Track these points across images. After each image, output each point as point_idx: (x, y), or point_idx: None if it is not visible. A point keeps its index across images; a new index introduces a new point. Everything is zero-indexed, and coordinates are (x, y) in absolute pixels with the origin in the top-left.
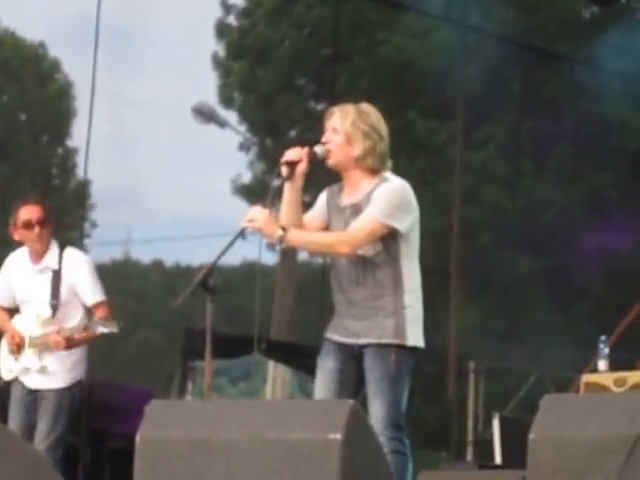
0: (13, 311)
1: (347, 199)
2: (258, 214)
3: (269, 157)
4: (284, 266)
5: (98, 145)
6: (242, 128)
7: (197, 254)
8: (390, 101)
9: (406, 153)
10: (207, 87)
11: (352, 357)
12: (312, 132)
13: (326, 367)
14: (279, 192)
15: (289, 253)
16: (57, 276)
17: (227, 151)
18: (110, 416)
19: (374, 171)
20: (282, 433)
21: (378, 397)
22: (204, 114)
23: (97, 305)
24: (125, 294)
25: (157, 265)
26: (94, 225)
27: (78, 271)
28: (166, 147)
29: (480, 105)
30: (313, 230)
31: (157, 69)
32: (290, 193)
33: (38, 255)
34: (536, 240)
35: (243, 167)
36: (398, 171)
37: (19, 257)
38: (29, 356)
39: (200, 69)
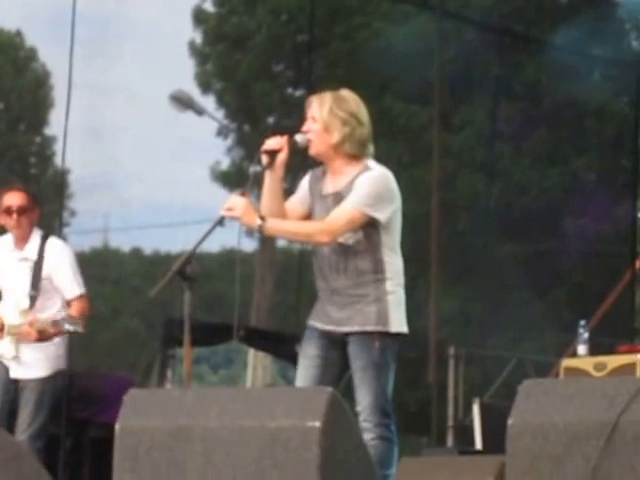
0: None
1: (329, 187)
2: (237, 203)
3: (247, 144)
4: (263, 253)
5: (76, 133)
6: (220, 115)
7: (176, 241)
8: (368, 86)
9: (384, 138)
10: (184, 74)
11: (335, 343)
12: (290, 118)
13: (308, 353)
14: (258, 180)
15: (268, 240)
16: (37, 266)
17: (205, 138)
18: (90, 405)
19: (355, 157)
20: (261, 421)
21: (364, 385)
22: (182, 102)
23: (75, 299)
24: (104, 282)
25: (136, 253)
26: (73, 214)
27: (59, 262)
28: (144, 135)
29: (458, 89)
30: (296, 216)
31: (134, 57)
32: (270, 182)
33: (19, 242)
34: (515, 225)
35: (221, 154)
36: (376, 156)
37: (5, 242)
38: (5, 344)
39: (177, 56)
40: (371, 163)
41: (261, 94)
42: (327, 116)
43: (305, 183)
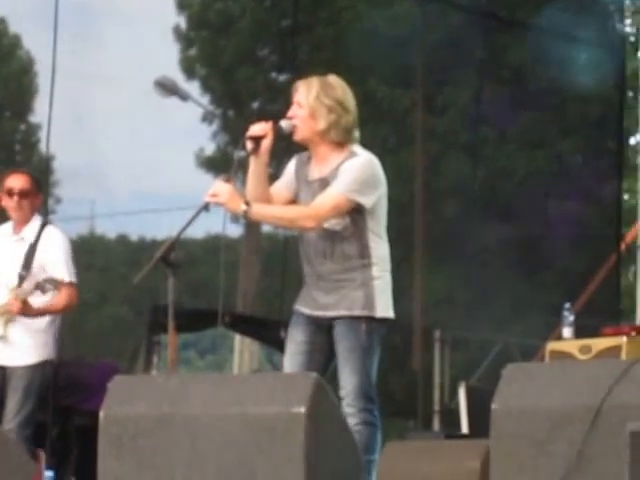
0: None
1: (315, 173)
2: (221, 188)
3: (232, 129)
4: (249, 238)
5: (60, 121)
6: (204, 100)
7: (162, 227)
8: (352, 70)
9: (369, 122)
10: (169, 60)
11: (322, 329)
12: (274, 103)
13: (295, 339)
14: (242, 165)
15: (253, 226)
16: (32, 249)
17: (190, 124)
18: (76, 393)
19: (340, 144)
20: (246, 408)
21: (348, 368)
22: (166, 87)
23: (64, 286)
24: (91, 269)
25: (122, 239)
26: (58, 201)
27: (53, 249)
28: (128, 121)
29: (442, 73)
30: (281, 201)
31: (118, 43)
32: (255, 168)
33: (18, 225)
34: (500, 208)
35: (206, 139)
36: (361, 140)
37: (4, 229)
38: None
39: (161, 42)
40: (357, 149)
41: (245, 79)
42: (313, 102)
43: (291, 168)
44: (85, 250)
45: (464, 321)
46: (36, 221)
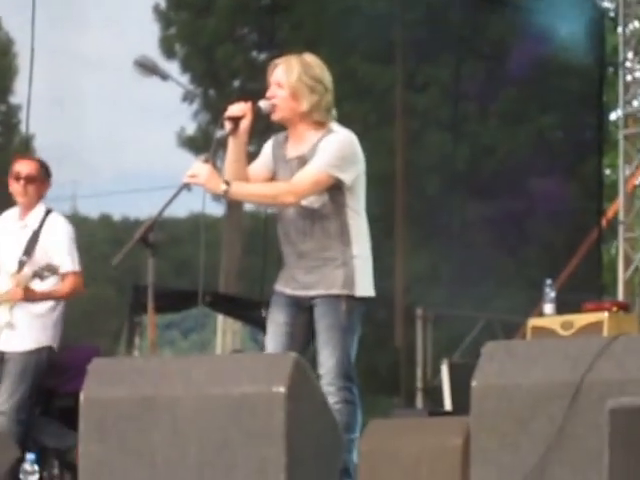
0: None
1: (293, 151)
2: (200, 169)
3: (212, 108)
4: (230, 217)
5: (41, 101)
6: (184, 80)
7: (144, 207)
8: (333, 47)
9: (350, 99)
10: (148, 40)
11: (303, 310)
12: (255, 82)
13: (276, 320)
14: (222, 144)
15: (235, 204)
16: (35, 236)
17: (170, 103)
18: (57, 375)
19: (320, 124)
20: (226, 388)
21: (328, 346)
22: (146, 67)
23: (68, 274)
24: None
25: (105, 220)
26: None
27: (56, 236)
28: (109, 101)
29: (423, 49)
30: (259, 181)
31: (98, 23)
32: (234, 148)
33: (23, 211)
34: (482, 184)
35: (187, 119)
36: (342, 117)
37: (10, 214)
38: (2, 312)
39: (141, 22)
40: (335, 126)
41: (225, 58)
42: (295, 83)
43: (268, 148)
44: None
45: (447, 298)
46: (41, 208)
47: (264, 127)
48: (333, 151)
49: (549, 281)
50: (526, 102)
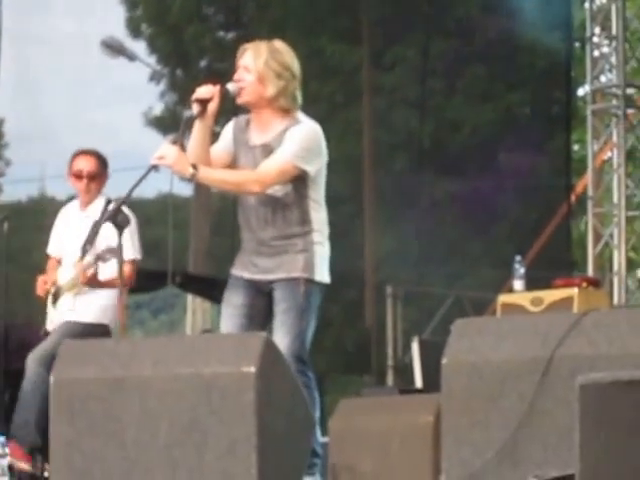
0: None
1: (257, 138)
2: (168, 151)
3: (180, 88)
4: (198, 198)
5: (8, 83)
6: (152, 60)
7: (112, 188)
8: (300, 27)
9: (317, 79)
10: (115, 20)
11: (261, 293)
12: (222, 62)
13: (233, 302)
14: (189, 126)
15: (203, 185)
16: (96, 224)
17: (137, 84)
18: (26, 356)
19: (286, 111)
20: (196, 368)
21: (283, 328)
22: (113, 48)
23: (128, 261)
24: (42, 231)
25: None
26: (8, 163)
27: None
28: (76, 82)
29: (390, 27)
30: (220, 165)
31: (63, 4)
32: (200, 131)
33: (84, 205)
34: (450, 162)
35: (154, 99)
36: (309, 97)
37: (70, 207)
38: (65, 300)
39: (107, 2)
40: (301, 116)
41: (192, 38)
42: (263, 68)
43: (229, 132)
44: (36, 212)
45: (416, 276)
46: (101, 199)
47: (234, 108)
48: (299, 142)
49: (518, 257)
50: (494, 79)
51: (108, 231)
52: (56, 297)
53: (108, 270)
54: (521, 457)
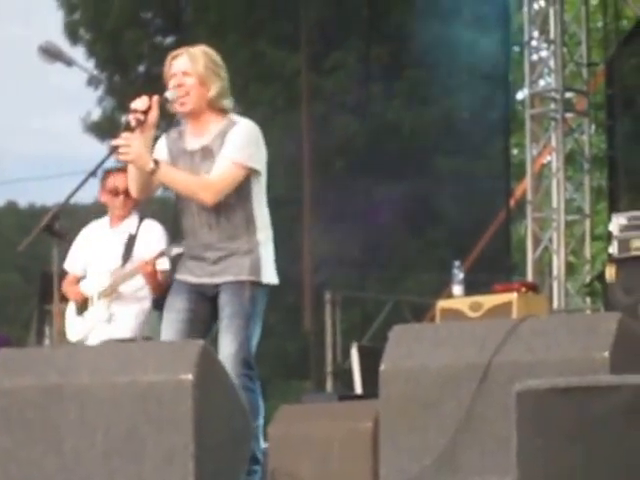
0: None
1: (194, 142)
2: (129, 143)
3: (118, 93)
4: (151, 206)
5: None
6: (90, 65)
7: (51, 194)
8: (240, 31)
9: (258, 82)
10: (53, 26)
11: (205, 298)
12: (160, 66)
13: (176, 307)
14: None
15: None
16: (132, 239)
17: (75, 89)
18: None
19: (223, 112)
20: (133, 376)
21: (229, 333)
22: (50, 53)
23: (161, 272)
24: None
25: (11, 206)
26: None
27: (152, 238)
28: (13, 88)
29: (329, 32)
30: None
31: (1, 8)
32: (142, 141)
33: (116, 221)
34: (389, 165)
35: (92, 104)
36: (249, 101)
37: (96, 225)
38: (97, 309)
39: (45, 7)
40: (235, 116)
41: (131, 43)
42: (203, 70)
43: (162, 146)
44: None
45: (355, 280)
46: (135, 216)
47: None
48: (243, 142)
49: (457, 262)
50: (432, 83)
51: (145, 246)
52: (82, 307)
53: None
54: (459, 463)
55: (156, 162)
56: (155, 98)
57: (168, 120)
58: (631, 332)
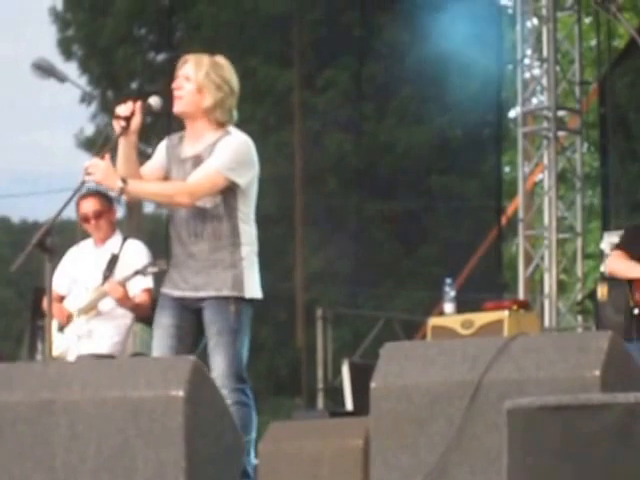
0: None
1: (189, 150)
2: (97, 165)
3: (111, 109)
4: (130, 219)
5: None
6: (83, 81)
7: (44, 210)
8: (232, 48)
9: (250, 100)
10: (46, 42)
11: (190, 312)
12: (153, 83)
13: (163, 323)
14: (114, 142)
15: (135, 206)
16: (114, 258)
17: (69, 105)
18: None
19: (220, 124)
20: (124, 392)
21: (219, 350)
22: (43, 69)
23: (144, 290)
24: None
25: (4, 222)
26: None
27: (135, 258)
28: (6, 104)
29: (322, 50)
30: (153, 181)
31: None
32: (124, 148)
33: (99, 242)
34: (382, 183)
35: (85, 121)
36: (241, 118)
37: (82, 246)
38: (76, 324)
39: (38, 23)
40: (232, 129)
41: (124, 59)
42: (203, 78)
43: (162, 148)
44: None
45: (347, 297)
46: (118, 237)
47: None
48: (230, 154)
49: (449, 280)
50: (425, 101)
51: (128, 264)
52: (66, 324)
53: (136, 288)
54: None
55: (124, 180)
56: (138, 104)
57: (179, 121)
58: (622, 351)
